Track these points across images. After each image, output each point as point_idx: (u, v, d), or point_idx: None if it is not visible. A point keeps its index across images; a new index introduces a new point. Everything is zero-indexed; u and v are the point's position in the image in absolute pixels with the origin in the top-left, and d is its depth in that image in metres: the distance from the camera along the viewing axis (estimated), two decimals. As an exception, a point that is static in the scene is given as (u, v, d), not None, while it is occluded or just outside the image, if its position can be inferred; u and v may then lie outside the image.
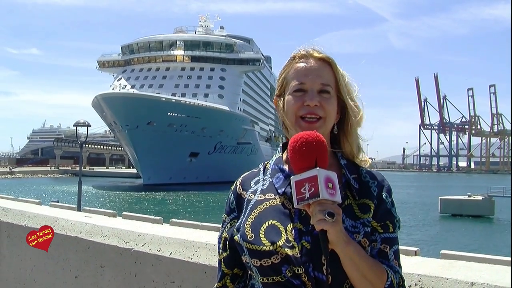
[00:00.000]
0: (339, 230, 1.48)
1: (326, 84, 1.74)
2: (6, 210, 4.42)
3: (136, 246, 3.17)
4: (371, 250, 1.64)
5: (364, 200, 1.69)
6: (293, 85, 1.76)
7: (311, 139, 1.53)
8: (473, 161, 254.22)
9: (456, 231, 34.65)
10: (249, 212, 1.72)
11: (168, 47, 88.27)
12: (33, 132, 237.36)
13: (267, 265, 1.60)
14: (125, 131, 67.69)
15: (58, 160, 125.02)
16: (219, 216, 8.29)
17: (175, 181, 68.63)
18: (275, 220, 1.65)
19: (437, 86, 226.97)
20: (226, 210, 1.84)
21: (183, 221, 15.67)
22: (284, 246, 1.58)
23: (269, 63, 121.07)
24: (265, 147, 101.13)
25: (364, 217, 1.65)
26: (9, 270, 4.22)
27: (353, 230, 1.61)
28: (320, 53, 1.79)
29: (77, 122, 29.41)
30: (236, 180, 1.87)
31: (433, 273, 2.25)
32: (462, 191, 48.85)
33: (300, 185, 1.49)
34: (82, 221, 3.77)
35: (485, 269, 2.31)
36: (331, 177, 1.49)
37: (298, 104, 1.72)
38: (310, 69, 1.75)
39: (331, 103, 1.74)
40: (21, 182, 77.84)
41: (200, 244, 2.92)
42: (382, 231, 1.68)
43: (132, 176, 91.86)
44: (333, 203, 1.47)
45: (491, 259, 6.94)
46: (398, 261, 1.69)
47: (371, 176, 1.76)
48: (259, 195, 1.75)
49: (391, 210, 1.72)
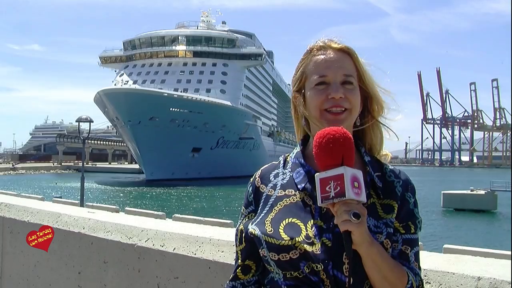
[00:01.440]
0: (364, 231, 1.45)
1: (349, 74, 1.69)
2: (9, 206, 4.42)
3: (140, 242, 3.16)
4: (392, 250, 1.61)
5: (388, 201, 1.65)
6: (314, 79, 1.70)
7: (338, 135, 1.48)
8: (476, 155, 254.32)
9: (458, 225, 34.63)
10: (269, 209, 1.68)
11: (170, 42, 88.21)
12: (36, 128, 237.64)
13: (285, 260, 1.57)
14: (127, 126, 67.72)
15: (60, 156, 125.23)
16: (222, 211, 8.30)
17: (177, 176, 68.71)
18: (295, 218, 1.61)
19: (440, 81, 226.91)
20: (244, 202, 1.80)
21: (186, 216, 15.69)
22: (303, 242, 1.55)
23: (271, 58, 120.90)
24: (267, 142, 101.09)
25: (387, 217, 1.62)
26: (12, 266, 4.21)
27: (375, 230, 1.58)
28: (339, 44, 1.73)
29: (80, 118, 29.45)
30: (255, 173, 1.83)
31: (439, 268, 2.23)
32: (464, 186, 48.77)
33: (325, 183, 1.45)
34: (85, 216, 3.76)
35: (491, 264, 2.29)
36: (357, 176, 1.45)
37: (322, 98, 1.67)
38: (330, 61, 1.70)
39: (355, 94, 1.69)
40: (23, 178, 77.98)
41: (204, 240, 2.90)
42: (404, 232, 1.65)
43: (134, 171, 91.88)
44: (358, 203, 1.43)
45: (494, 253, 6.93)
46: (418, 263, 1.67)
47: (395, 175, 1.73)
48: (279, 190, 1.71)
49: (414, 211, 1.70)
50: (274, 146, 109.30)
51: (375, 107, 1.76)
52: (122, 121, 68.07)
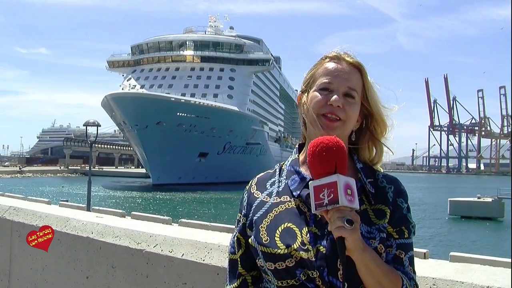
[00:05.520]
0: (357, 237, 1.47)
1: (353, 88, 1.72)
2: (18, 210, 4.43)
3: (148, 247, 3.17)
4: (386, 255, 1.63)
5: (379, 206, 1.68)
6: (320, 82, 1.74)
7: (332, 144, 1.51)
8: (483, 162, 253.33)
9: (465, 233, 34.48)
10: (263, 214, 1.71)
11: (178, 47, 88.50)
12: (43, 131, 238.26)
13: (282, 268, 1.60)
14: (134, 131, 67.94)
15: (67, 160, 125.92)
16: (228, 216, 8.30)
17: (184, 181, 68.80)
18: (290, 223, 1.64)
19: (447, 88, 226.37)
20: (240, 209, 1.83)
21: (192, 221, 15.72)
22: (299, 249, 1.58)
23: (278, 64, 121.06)
24: (274, 148, 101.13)
25: (380, 222, 1.65)
26: (20, 270, 4.23)
27: (368, 235, 1.61)
28: (352, 58, 1.77)
29: (87, 121, 29.53)
30: (251, 180, 1.86)
31: (448, 277, 2.23)
32: (471, 193, 48.57)
33: (319, 190, 1.47)
34: (93, 221, 3.77)
35: (500, 273, 2.29)
36: (350, 184, 1.48)
37: (322, 102, 1.70)
38: (339, 71, 1.74)
39: (354, 108, 1.72)
40: (30, 182, 78.23)
41: (213, 246, 2.91)
42: (398, 236, 1.67)
43: (141, 176, 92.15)
44: (351, 210, 1.46)
45: (501, 261, 6.90)
46: (412, 267, 1.69)
47: (387, 181, 1.75)
48: (275, 197, 1.74)
49: (406, 216, 1.71)
50: (281, 151, 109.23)
51: (377, 128, 1.80)
52: (129, 125, 68.30)
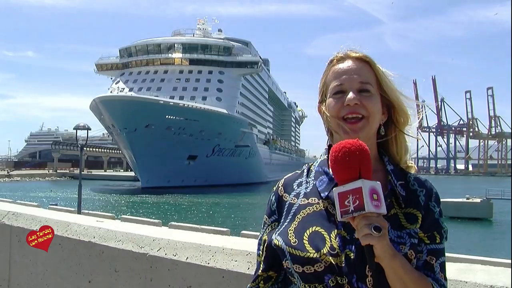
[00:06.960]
0: (386, 244, 1.42)
1: (365, 82, 1.68)
2: (17, 215, 4.41)
3: (152, 251, 3.17)
4: (417, 261, 1.58)
5: (411, 210, 1.62)
6: (332, 87, 1.70)
7: (354, 148, 1.46)
8: (471, 163, 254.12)
9: (454, 233, 34.63)
10: (292, 217, 1.66)
11: (166, 50, 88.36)
12: (31, 135, 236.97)
13: (310, 272, 1.56)
14: (123, 134, 67.74)
15: (56, 163, 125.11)
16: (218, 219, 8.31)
17: (173, 184, 68.57)
18: (318, 227, 1.60)
19: (435, 89, 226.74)
20: (267, 211, 1.78)
21: (182, 224, 15.68)
22: (328, 254, 1.54)
23: (267, 66, 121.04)
24: (263, 150, 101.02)
25: (411, 227, 1.59)
26: (20, 275, 4.21)
27: (398, 240, 1.55)
28: (357, 53, 1.74)
29: (77, 125, 29.36)
30: (278, 181, 1.81)
31: (451, 277, 2.24)
32: (460, 194, 48.73)
33: (344, 197, 1.43)
34: (95, 225, 3.76)
35: (501, 273, 2.31)
36: (376, 188, 1.43)
37: (338, 106, 1.67)
38: (347, 69, 1.70)
39: (373, 101, 1.67)
40: (19, 186, 77.67)
41: (217, 249, 2.92)
42: (429, 242, 1.61)
43: (130, 179, 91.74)
44: (378, 215, 1.42)
45: (490, 261, 6.96)
46: (444, 274, 1.63)
47: (419, 184, 1.69)
48: (302, 199, 1.70)
49: (439, 221, 1.67)
50: (270, 154, 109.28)
51: (399, 118, 1.75)
52: (118, 129, 68.08)
